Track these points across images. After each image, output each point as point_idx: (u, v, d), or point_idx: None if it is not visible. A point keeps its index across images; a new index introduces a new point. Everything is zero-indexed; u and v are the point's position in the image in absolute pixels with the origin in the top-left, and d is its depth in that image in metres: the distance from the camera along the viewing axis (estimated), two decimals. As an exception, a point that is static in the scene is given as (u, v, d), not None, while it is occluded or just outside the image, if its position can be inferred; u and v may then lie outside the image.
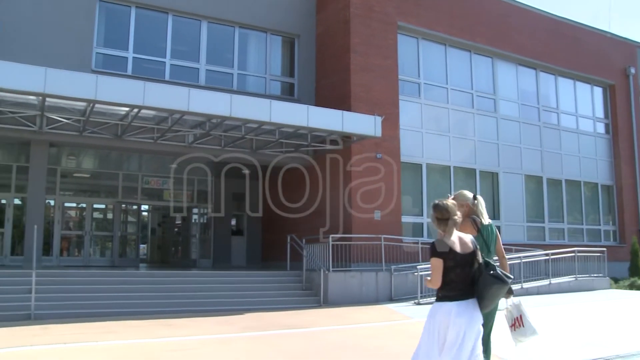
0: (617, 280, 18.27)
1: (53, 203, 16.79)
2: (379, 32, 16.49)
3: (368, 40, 16.26)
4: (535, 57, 20.17)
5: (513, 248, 16.26)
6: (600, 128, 22.61)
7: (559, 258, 16.51)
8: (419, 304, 12.89)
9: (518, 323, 4.60)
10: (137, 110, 12.52)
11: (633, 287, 17.35)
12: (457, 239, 4.13)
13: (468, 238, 4.21)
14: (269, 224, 18.58)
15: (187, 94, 11.99)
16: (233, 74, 16.82)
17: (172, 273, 14.00)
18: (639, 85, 23.14)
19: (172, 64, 15.92)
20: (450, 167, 17.79)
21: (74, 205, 18.87)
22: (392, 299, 13.90)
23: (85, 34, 14.70)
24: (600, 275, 17.22)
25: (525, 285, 15.29)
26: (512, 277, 4.28)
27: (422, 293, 13.15)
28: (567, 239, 20.14)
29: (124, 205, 18.87)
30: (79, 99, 11.67)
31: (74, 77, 11.36)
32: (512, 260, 15.26)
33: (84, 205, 18.35)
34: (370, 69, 16.10)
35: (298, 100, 16.77)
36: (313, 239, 14.30)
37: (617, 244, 21.55)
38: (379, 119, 14.17)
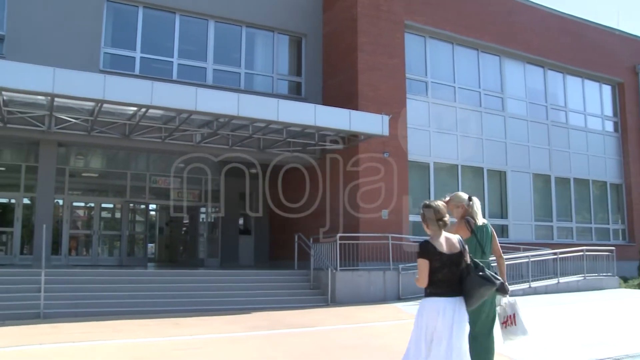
0: (626, 280, 18.15)
1: (62, 202, 16.87)
2: (386, 30, 16.46)
3: (375, 39, 16.23)
4: (543, 55, 20.06)
5: (521, 247, 16.23)
6: (609, 126, 22.45)
7: (568, 257, 16.39)
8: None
9: (510, 321, 4.70)
10: (144, 110, 12.57)
11: (642, 286, 17.25)
12: (444, 240, 4.24)
13: (455, 238, 4.30)
14: (277, 224, 18.60)
15: (194, 94, 12.03)
16: (240, 73, 16.85)
17: (180, 272, 14.01)
18: (648, 83, 22.99)
19: (179, 64, 15.97)
20: (458, 165, 17.73)
21: (83, 205, 18.94)
22: (399, 298, 13.89)
23: (93, 34, 14.77)
24: (609, 275, 17.08)
25: (534, 285, 15.22)
26: (500, 279, 4.36)
27: (430, 292, 13.09)
28: (575, 238, 20.02)
29: (132, 205, 18.92)
30: (88, 99, 11.72)
31: (83, 77, 11.41)
32: (520, 259, 15.25)
33: (92, 205, 18.44)
34: (378, 68, 16.08)
35: (305, 100, 16.76)
36: (320, 238, 14.29)
37: (626, 243, 21.39)
38: (387, 118, 14.15)
